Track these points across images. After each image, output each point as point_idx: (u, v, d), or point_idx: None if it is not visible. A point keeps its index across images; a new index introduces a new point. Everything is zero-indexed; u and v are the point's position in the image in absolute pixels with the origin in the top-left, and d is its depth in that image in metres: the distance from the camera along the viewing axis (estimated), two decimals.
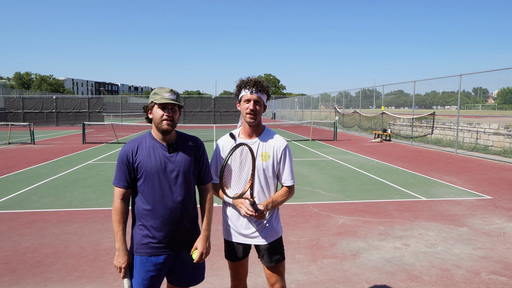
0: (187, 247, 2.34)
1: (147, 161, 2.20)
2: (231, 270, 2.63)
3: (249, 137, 2.48)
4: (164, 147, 2.25)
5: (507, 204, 6.75)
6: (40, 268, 4.09)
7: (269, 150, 2.46)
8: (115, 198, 2.23)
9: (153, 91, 2.27)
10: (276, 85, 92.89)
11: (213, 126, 23.88)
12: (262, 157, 2.44)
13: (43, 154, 13.53)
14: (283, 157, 2.48)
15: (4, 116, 33.22)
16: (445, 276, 3.91)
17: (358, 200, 7.00)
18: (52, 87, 77.45)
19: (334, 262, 4.27)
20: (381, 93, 22.27)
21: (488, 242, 4.87)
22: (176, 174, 2.24)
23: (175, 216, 2.24)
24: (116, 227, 2.21)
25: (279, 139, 2.51)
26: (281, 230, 2.59)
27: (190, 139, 2.37)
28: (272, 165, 2.46)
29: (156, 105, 2.21)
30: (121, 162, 2.22)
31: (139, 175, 2.22)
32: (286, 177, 2.49)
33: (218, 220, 5.79)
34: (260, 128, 2.50)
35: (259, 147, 2.46)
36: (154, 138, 2.28)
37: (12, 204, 6.68)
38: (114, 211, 2.22)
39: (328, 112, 32.70)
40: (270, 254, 2.49)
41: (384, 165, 11.21)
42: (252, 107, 2.37)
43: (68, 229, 5.36)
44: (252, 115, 2.38)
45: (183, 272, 2.35)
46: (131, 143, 2.27)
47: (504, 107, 20.03)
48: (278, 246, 2.52)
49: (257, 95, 2.38)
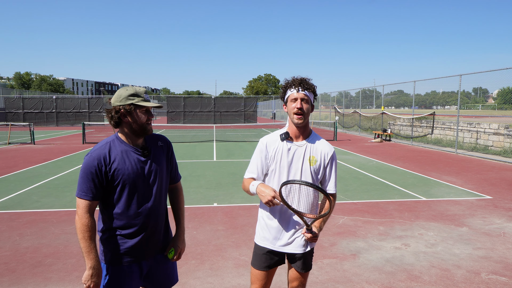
0: (162, 249, 2.28)
1: (123, 167, 2.03)
2: (255, 280, 2.46)
3: (297, 139, 2.36)
4: (138, 151, 2.11)
5: (507, 204, 6.75)
6: (40, 268, 4.09)
7: (317, 155, 2.36)
8: (81, 213, 1.98)
9: (126, 93, 2.04)
10: (276, 85, 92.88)
11: (213, 126, 23.88)
12: (309, 161, 2.34)
13: (43, 154, 13.53)
14: (330, 163, 2.38)
15: (4, 116, 33.21)
16: (445, 276, 3.91)
17: (358, 200, 7.00)
18: (52, 87, 77.46)
19: (334, 262, 4.27)
20: (381, 93, 22.28)
21: (488, 242, 4.87)
22: (153, 178, 2.14)
23: (152, 221, 2.15)
24: (87, 245, 1.97)
25: (327, 144, 2.41)
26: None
27: (159, 139, 2.26)
28: (319, 170, 2.36)
29: (138, 109, 2.04)
30: (89, 172, 1.98)
31: (116, 183, 2.03)
32: (331, 184, 2.40)
33: (218, 221, 5.80)
34: (307, 130, 2.40)
35: (306, 150, 2.35)
36: (124, 141, 2.09)
37: (12, 204, 6.69)
38: (83, 227, 1.96)
39: (328, 112, 32.71)
40: (305, 261, 2.41)
41: (384, 165, 11.21)
42: (300, 105, 2.26)
43: (68, 229, 5.36)
44: (300, 114, 2.27)
45: (161, 275, 2.29)
46: (99, 149, 2.03)
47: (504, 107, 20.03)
48: (311, 254, 2.46)
49: (304, 93, 2.27)
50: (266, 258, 2.41)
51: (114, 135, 2.13)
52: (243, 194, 7.38)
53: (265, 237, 2.40)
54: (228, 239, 4.98)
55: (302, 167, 2.32)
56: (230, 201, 6.92)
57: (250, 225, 5.57)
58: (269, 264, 2.42)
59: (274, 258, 2.41)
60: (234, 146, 16.53)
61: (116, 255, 2.10)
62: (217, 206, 6.65)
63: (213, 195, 7.38)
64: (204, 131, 25.19)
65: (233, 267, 4.12)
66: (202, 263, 4.24)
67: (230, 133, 24.20)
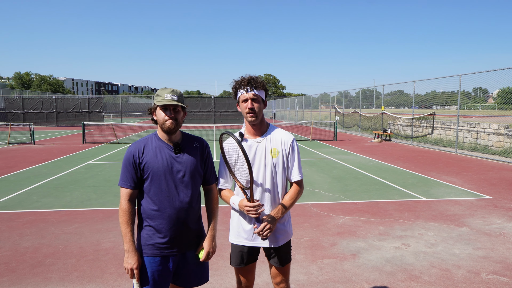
0: (193, 247, 2.35)
1: (153, 161, 2.20)
2: (238, 277, 2.54)
3: (254, 136, 2.41)
4: (170, 148, 2.25)
5: (507, 204, 6.75)
6: (40, 268, 4.09)
7: (277, 146, 2.39)
8: (122, 199, 2.21)
9: (156, 93, 2.27)
10: (276, 85, 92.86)
11: (213, 126, 23.87)
12: (271, 153, 2.38)
13: (43, 154, 13.53)
14: (291, 150, 2.41)
15: (4, 116, 33.22)
16: (445, 276, 3.91)
17: (358, 200, 7.00)
18: (52, 87, 77.42)
19: (334, 262, 4.27)
20: (381, 93, 22.27)
21: (488, 242, 4.87)
22: (182, 174, 2.25)
23: (181, 216, 2.24)
24: (124, 228, 2.18)
25: (285, 133, 2.45)
26: (292, 231, 2.55)
27: (195, 140, 2.38)
28: (282, 161, 2.40)
29: (158, 107, 2.21)
30: (128, 163, 2.21)
31: (146, 176, 2.21)
32: (294, 171, 2.41)
33: (218, 220, 5.80)
34: (264, 126, 2.44)
35: (266, 144, 2.39)
36: (160, 138, 2.28)
37: (12, 204, 6.68)
38: (122, 213, 2.19)
39: (328, 112, 32.69)
40: (280, 256, 2.45)
41: (384, 165, 11.21)
42: (250, 105, 2.30)
43: (68, 229, 5.36)
44: (252, 113, 2.31)
45: (189, 272, 2.35)
46: (138, 143, 2.26)
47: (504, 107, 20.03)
48: (287, 248, 2.49)
49: (253, 93, 2.31)
50: (244, 254, 2.47)
51: (154, 132, 2.34)
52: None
53: (239, 234, 2.46)
54: (228, 239, 4.98)
55: (265, 161, 2.37)
56: None
57: None
58: (245, 260, 2.47)
59: (249, 253, 2.47)
60: None
61: (144, 246, 2.23)
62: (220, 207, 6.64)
63: None
64: (204, 131, 25.18)
65: (233, 267, 4.11)
66: None
67: None
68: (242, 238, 2.45)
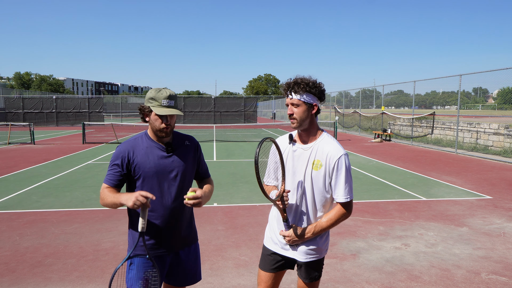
0: (185, 246, 2.34)
1: (145, 162, 2.16)
2: (260, 282, 2.38)
3: (303, 142, 2.28)
4: (162, 147, 2.22)
5: (507, 204, 6.75)
6: (40, 268, 4.09)
7: (322, 158, 2.20)
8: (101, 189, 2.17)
9: (149, 94, 2.15)
10: (276, 85, 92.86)
11: (213, 126, 23.86)
12: (313, 165, 2.21)
13: (43, 154, 13.53)
14: (337, 167, 2.18)
15: (4, 116, 33.20)
16: (445, 276, 3.91)
17: (358, 200, 7.00)
18: (52, 87, 77.44)
19: (334, 262, 4.27)
20: (381, 93, 22.28)
21: (488, 242, 4.87)
22: (175, 174, 2.23)
23: (173, 216, 2.23)
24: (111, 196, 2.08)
25: (335, 146, 2.21)
26: (327, 250, 2.35)
27: (186, 139, 2.36)
28: (324, 176, 2.20)
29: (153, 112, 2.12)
30: (114, 163, 2.16)
31: (137, 176, 2.17)
32: (339, 191, 2.21)
33: (218, 221, 5.81)
34: (313, 133, 2.27)
35: (311, 153, 2.22)
36: (151, 138, 2.23)
37: (12, 204, 6.69)
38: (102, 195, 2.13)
39: (328, 112, 32.71)
40: (308, 271, 2.29)
41: (384, 165, 11.21)
42: (290, 111, 2.20)
43: (68, 229, 5.36)
44: (292, 119, 2.21)
45: (182, 272, 2.35)
46: (127, 143, 2.21)
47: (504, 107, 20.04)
48: (318, 265, 2.32)
49: (292, 97, 2.20)
50: (271, 260, 2.35)
51: (144, 131, 2.29)
52: (243, 194, 7.39)
53: (271, 238, 2.37)
54: (228, 239, 4.99)
55: (305, 171, 2.22)
56: (230, 201, 6.92)
57: (250, 225, 5.57)
58: (274, 266, 2.34)
59: (280, 261, 2.33)
60: (234, 146, 16.53)
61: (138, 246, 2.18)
62: (217, 206, 6.65)
63: (213, 195, 7.38)
64: (204, 131, 25.19)
65: (233, 267, 4.12)
66: (202, 263, 4.20)
67: (230, 133, 24.20)
68: (272, 243, 2.36)
